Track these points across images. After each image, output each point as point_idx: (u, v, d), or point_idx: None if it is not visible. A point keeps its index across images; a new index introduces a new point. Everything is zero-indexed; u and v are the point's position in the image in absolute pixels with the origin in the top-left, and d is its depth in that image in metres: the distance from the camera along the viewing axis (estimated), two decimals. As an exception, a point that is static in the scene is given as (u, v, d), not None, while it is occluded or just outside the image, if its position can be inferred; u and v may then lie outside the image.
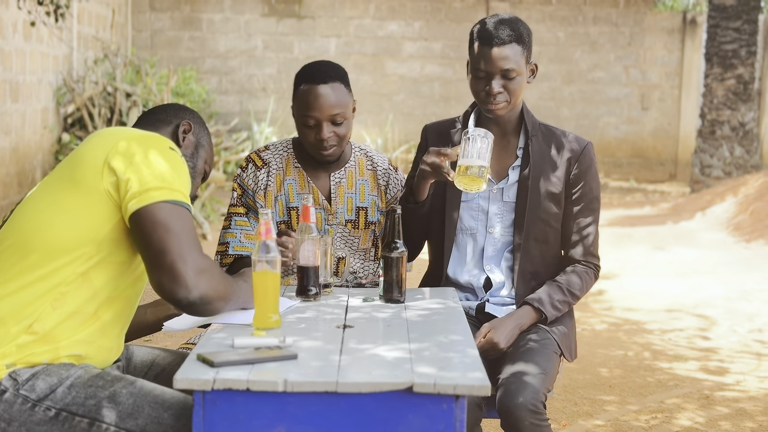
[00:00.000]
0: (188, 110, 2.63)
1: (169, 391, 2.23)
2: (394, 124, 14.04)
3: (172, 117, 2.58)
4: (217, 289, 2.24)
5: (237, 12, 13.84)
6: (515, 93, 2.93)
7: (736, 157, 12.35)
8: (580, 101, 14.66)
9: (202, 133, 2.62)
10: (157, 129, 2.53)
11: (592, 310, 6.39)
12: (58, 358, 2.25)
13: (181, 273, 2.16)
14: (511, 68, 2.89)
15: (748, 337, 5.75)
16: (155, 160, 2.25)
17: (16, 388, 2.18)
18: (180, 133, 2.56)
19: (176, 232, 2.19)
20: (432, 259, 3.17)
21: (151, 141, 2.30)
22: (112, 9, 12.00)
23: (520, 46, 2.92)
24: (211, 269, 2.23)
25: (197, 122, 2.63)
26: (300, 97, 3.00)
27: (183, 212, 2.23)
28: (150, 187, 2.20)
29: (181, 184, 2.27)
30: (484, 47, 2.91)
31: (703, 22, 14.20)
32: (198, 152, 2.60)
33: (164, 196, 2.21)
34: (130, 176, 2.21)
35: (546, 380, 2.72)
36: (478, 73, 2.93)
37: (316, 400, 1.98)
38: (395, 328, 2.44)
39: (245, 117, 13.80)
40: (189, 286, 2.17)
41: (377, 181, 3.19)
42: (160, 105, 2.65)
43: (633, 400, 4.50)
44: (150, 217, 2.19)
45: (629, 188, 14.07)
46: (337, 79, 3.02)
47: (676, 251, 8.71)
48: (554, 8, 14.45)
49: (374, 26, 14.16)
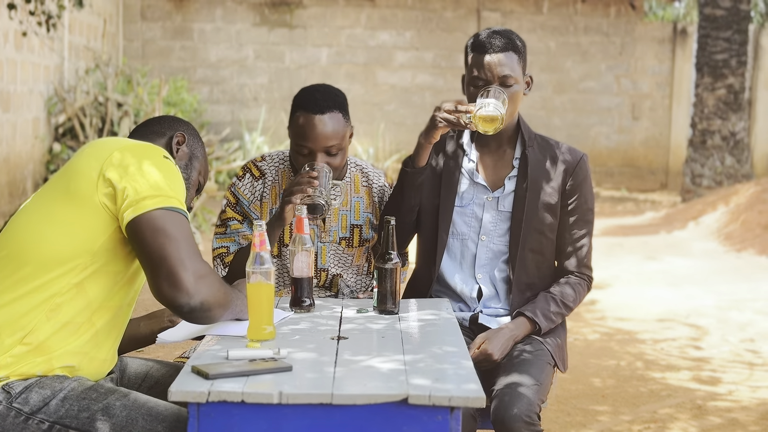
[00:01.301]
0: (182, 122, 2.62)
1: (163, 403, 2.22)
2: (385, 134, 14.06)
3: (166, 129, 2.58)
4: (216, 296, 2.24)
5: (228, 22, 13.86)
6: (513, 102, 2.92)
7: (727, 167, 12.39)
8: (572, 111, 14.70)
9: (196, 144, 2.62)
10: (151, 141, 2.51)
11: (584, 320, 6.39)
12: (51, 369, 2.24)
13: (181, 279, 2.16)
14: (508, 74, 2.89)
15: (740, 346, 5.76)
16: (150, 169, 2.24)
17: (9, 401, 2.17)
18: (174, 145, 2.55)
19: (175, 238, 2.18)
20: (421, 261, 3.16)
21: (145, 150, 2.30)
22: (103, 19, 12.00)
23: (516, 54, 2.93)
24: (210, 275, 2.23)
25: (191, 134, 2.62)
26: (296, 124, 2.96)
27: (180, 218, 2.23)
28: (146, 195, 2.20)
29: (177, 191, 2.27)
30: (479, 55, 2.91)
31: (694, 32, 14.26)
32: (192, 163, 2.59)
33: (161, 204, 2.20)
34: (126, 185, 2.20)
35: (540, 391, 2.72)
36: (477, 82, 2.92)
37: (311, 412, 1.97)
38: (389, 339, 2.43)
39: (237, 126, 13.80)
40: (190, 291, 2.17)
41: (372, 198, 3.16)
42: (154, 117, 2.65)
43: (626, 410, 4.50)
44: (148, 224, 2.18)
45: (620, 197, 14.10)
46: (336, 108, 2.96)
47: (667, 261, 8.72)
48: (545, 18, 14.50)
49: (366, 36, 14.18)
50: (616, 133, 14.88)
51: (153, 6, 13.71)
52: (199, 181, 2.62)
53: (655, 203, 13.54)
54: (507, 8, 14.37)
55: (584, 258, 3.08)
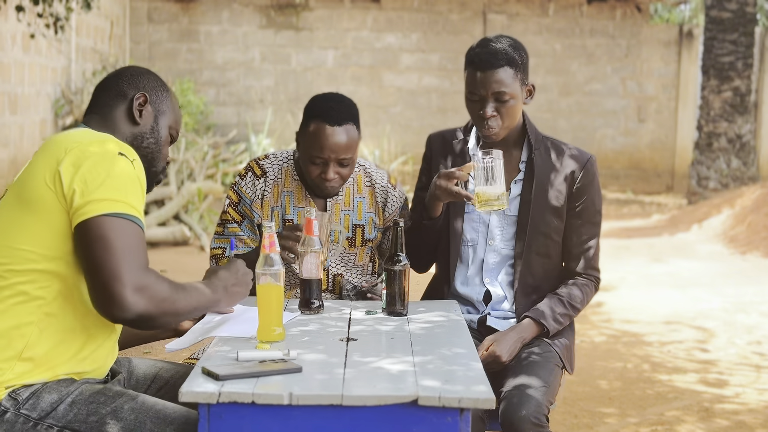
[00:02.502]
0: (143, 75, 2.46)
1: (171, 405, 2.22)
2: (391, 136, 14.06)
3: (126, 88, 2.41)
4: (160, 306, 2.13)
5: (235, 24, 13.87)
6: (510, 116, 2.92)
7: (732, 169, 12.38)
8: (577, 113, 14.69)
9: (160, 99, 2.46)
10: (113, 109, 2.39)
11: (590, 322, 6.39)
12: (56, 376, 2.21)
13: (115, 293, 2.07)
14: (503, 91, 2.89)
15: (746, 349, 5.76)
16: (100, 171, 2.14)
17: (17, 407, 2.15)
18: (135, 109, 2.39)
19: (115, 248, 2.08)
20: (437, 273, 3.17)
21: (98, 149, 2.18)
22: (110, 21, 12.03)
23: (512, 68, 2.91)
24: (152, 286, 2.12)
25: (153, 88, 2.45)
26: (310, 134, 2.95)
27: (125, 225, 2.12)
28: (92, 199, 2.11)
29: (127, 194, 2.15)
30: (475, 71, 2.93)
31: (700, 35, 14.26)
32: (159, 123, 2.44)
33: (105, 209, 2.11)
34: (75, 188, 2.12)
35: (548, 393, 2.73)
36: (472, 96, 2.95)
37: (321, 413, 1.98)
38: (399, 341, 2.44)
39: (243, 128, 13.82)
40: (124, 306, 2.07)
41: (375, 198, 3.16)
42: (113, 74, 2.47)
43: (633, 412, 4.51)
44: (89, 231, 2.10)
45: (626, 200, 14.09)
46: (350, 120, 2.96)
47: (674, 263, 8.72)
48: (551, 20, 14.49)
49: (372, 38, 14.19)
50: (621, 135, 14.87)
51: (160, 8, 13.73)
52: (171, 135, 2.50)
53: (661, 206, 13.53)
54: (513, 11, 14.38)
55: (591, 259, 3.08)
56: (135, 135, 2.39)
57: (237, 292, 2.47)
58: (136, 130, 2.40)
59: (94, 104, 2.42)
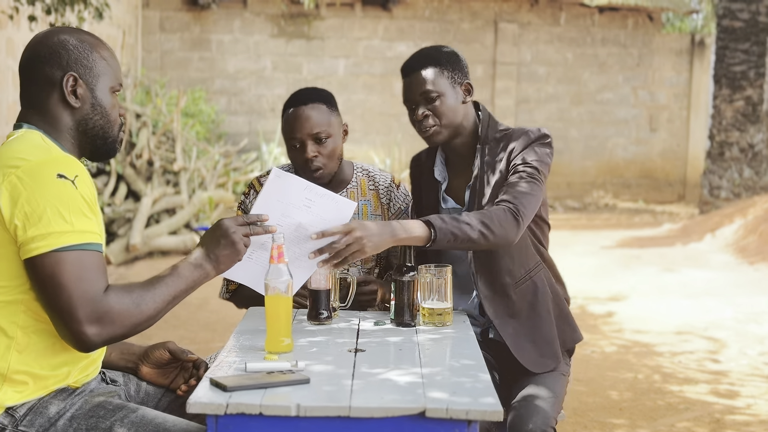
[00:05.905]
0: (62, 48, 2.23)
1: (171, 418, 2.21)
2: (402, 145, 14.07)
3: (52, 72, 2.21)
4: (124, 323, 2.10)
5: (246, 33, 13.92)
6: (443, 114, 2.89)
7: (745, 179, 12.35)
8: (589, 122, 14.68)
9: (90, 66, 2.25)
10: (47, 101, 2.23)
11: (601, 332, 6.38)
12: (47, 387, 2.18)
13: (73, 331, 2.06)
14: (428, 89, 2.89)
15: (758, 360, 5.73)
16: (39, 201, 2.04)
17: (15, 424, 2.13)
18: (68, 93, 2.22)
19: (63, 286, 2.03)
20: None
21: (35, 175, 2.06)
22: (122, 30, 12.07)
23: (436, 67, 2.91)
24: (110, 311, 2.07)
25: (78, 59, 2.24)
26: (284, 122, 3.04)
27: (73, 258, 2.05)
28: (35, 235, 2.03)
29: (72, 220, 2.06)
30: (403, 80, 2.96)
31: (712, 44, 14.25)
32: (97, 95, 2.26)
33: (50, 245, 2.03)
34: (17, 223, 2.04)
35: (556, 403, 2.72)
36: (407, 105, 2.96)
37: (329, 425, 1.98)
38: (407, 352, 2.44)
39: (254, 137, 13.85)
40: (84, 341, 2.06)
41: (380, 200, 3.18)
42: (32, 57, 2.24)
43: (643, 423, 4.49)
44: (36, 270, 2.05)
45: (637, 209, 14.06)
46: (318, 100, 3.04)
47: (685, 273, 8.69)
48: (562, 29, 14.49)
49: (383, 47, 14.22)
50: (633, 144, 14.85)
51: (172, 17, 13.78)
52: (115, 90, 2.31)
53: (673, 215, 13.50)
54: (524, 20, 14.38)
55: (516, 196, 2.78)
56: (78, 121, 2.25)
57: (225, 255, 2.34)
58: (77, 115, 2.24)
59: (27, 97, 2.26)
